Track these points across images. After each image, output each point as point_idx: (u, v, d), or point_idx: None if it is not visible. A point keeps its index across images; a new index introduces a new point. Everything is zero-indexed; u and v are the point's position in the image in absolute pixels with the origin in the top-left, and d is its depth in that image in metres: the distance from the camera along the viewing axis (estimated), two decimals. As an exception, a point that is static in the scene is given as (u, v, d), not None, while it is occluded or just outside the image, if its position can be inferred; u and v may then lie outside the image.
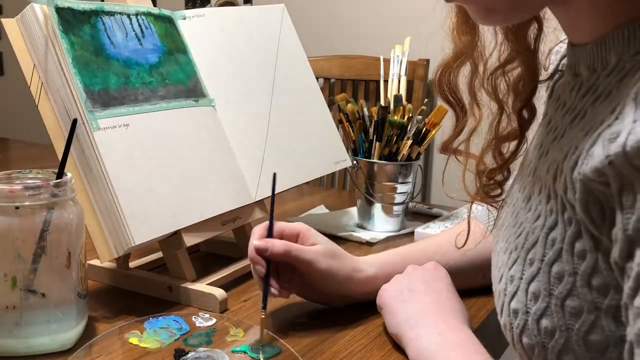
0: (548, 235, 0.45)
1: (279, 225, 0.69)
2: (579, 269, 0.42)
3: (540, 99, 0.60)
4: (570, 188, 0.41)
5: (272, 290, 0.65)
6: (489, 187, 0.63)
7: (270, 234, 0.67)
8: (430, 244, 0.78)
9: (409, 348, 0.59)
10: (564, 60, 0.54)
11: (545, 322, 0.44)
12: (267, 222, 0.68)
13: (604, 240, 0.40)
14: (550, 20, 0.55)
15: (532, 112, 0.59)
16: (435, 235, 0.83)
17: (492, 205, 0.65)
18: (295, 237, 0.69)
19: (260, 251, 0.65)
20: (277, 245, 0.65)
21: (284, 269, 0.68)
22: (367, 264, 0.71)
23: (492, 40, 0.57)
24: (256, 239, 0.66)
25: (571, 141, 0.43)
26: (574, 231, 0.42)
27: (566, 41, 0.54)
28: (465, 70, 0.60)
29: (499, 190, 0.64)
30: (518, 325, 0.47)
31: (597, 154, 0.37)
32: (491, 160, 0.63)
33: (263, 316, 0.64)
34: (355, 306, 0.72)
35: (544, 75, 0.58)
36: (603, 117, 0.38)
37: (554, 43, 0.59)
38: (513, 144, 0.61)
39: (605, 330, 0.41)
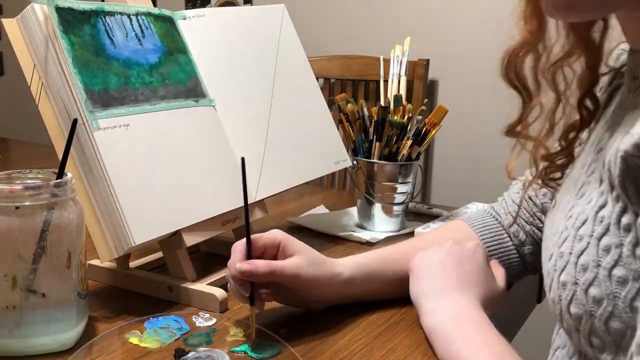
0: (597, 214, 0.48)
1: (258, 239, 0.67)
2: (625, 241, 0.45)
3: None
4: (614, 165, 0.45)
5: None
6: (551, 170, 0.66)
7: (249, 251, 0.65)
8: (411, 247, 0.77)
9: (424, 318, 0.62)
10: (624, 68, 0.57)
11: (593, 291, 0.47)
12: (244, 239, 0.66)
13: None
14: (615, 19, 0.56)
15: (596, 103, 0.62)
16: (418, 238, 0.84)
17: (549, 188, 0.68)
18: (276, 248, 0.67)
19: (245, 275, 0.63)
20: (261, 267, 0.63)
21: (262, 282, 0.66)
22: (345, 266, 0.71)
23: (555, 32, 0.59)
24: (239, 259, 0.64)
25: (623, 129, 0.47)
26: (621, 206, 0.46)
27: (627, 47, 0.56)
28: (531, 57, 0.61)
29: (559, 174, 0.67)
30: (567, 296, 0.50)
31: (636, 131, 0.41)
32: (552, 144, 0.65)
33: (252, 313, 0.64)
34: (355, 306, 0.73)
35: (604, 68, 0.61)
36: None
37: (616, 40, 0.61)
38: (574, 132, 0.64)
39: None
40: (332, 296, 0.70)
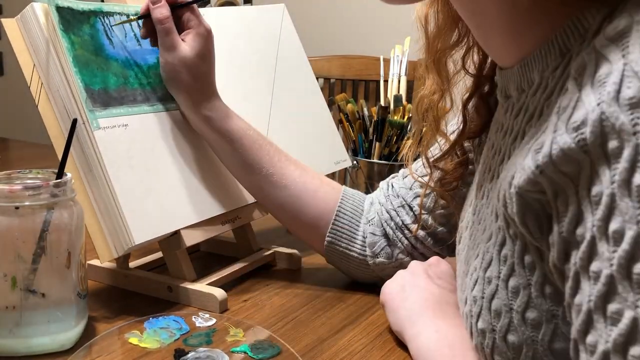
0: (500, 253, 0.47)
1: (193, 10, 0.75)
2: (532, 280, 0.44)
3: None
4: (509, 203, 0.42)
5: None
6: (446, 180, 0.67)
7: None
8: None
9: (409, 345, 0.60)
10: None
11: (511, 338, 0.45)
12: None
13: (545, 251, 0.41)
14: None
15: (487, 110, 0.62)
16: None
17: (444, 199, 0.69)
18: (198, 25, 0.75)
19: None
20: (163, 12, 0.73)
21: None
22: (225, 109, 0.77)
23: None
24: None
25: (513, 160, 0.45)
26: (521, 245, 0.44)
27: None
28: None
29: (454, 183, 0.67)
30: (488, 344, 0.48)
31: (527, 165, 0.39)
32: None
33: None
34: (355, 306, 0.73)
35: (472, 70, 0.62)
36: (536, 134, 0.41)
37: None
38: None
39: (566, 337, 0.42)
40: (191, 98, 0.75)
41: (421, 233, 0.73)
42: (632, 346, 0.32)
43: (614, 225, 0.33)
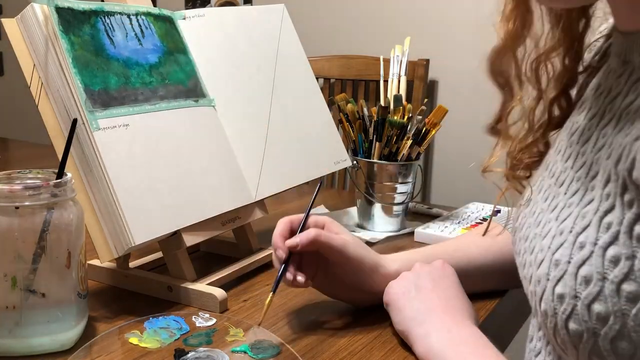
0: (602, 219, 0.44)
1: (297, 219, 0.70)
2: (638, 252, 0.41)
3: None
4: (639, 167, 0.40)
5: (288, 275, 0.65)
6: (518, 167, 0.63)
7: (303, 228, 0.68)
8: (451, 243, 0.77)
9: (416, 345, 0.59)
10: (610, 48, 0.53)
11: (597, 307, 0.43)
12: (293, 217, 0.69)
13: None
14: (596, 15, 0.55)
15: (568, 104, 0.59)
16: (456, 236, 0.82)
17: (516, 188, 0.64)
18: (320, 228, 0.69)
19: (290, 246, 0.66)
20: (304, 237, 0.66)
21: (307, 261, 0.68)
22: (390, 259, 0.71)
23: (540, 27, 0.57)
24: (280, 230, 0.68)
25: None
26: (635, 214, 0.41)
27: (600, 39, 0.55)
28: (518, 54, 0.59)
29: (527, 173, 0.63)
30: (565, 310, 0.45)
31: None
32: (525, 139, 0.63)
33: (268, 300, 0.65)
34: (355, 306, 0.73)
35: (580, 68, 0.59)
36: None
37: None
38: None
39: None
40: (375, 287, 0.69)
41: None
42: None
43: None
